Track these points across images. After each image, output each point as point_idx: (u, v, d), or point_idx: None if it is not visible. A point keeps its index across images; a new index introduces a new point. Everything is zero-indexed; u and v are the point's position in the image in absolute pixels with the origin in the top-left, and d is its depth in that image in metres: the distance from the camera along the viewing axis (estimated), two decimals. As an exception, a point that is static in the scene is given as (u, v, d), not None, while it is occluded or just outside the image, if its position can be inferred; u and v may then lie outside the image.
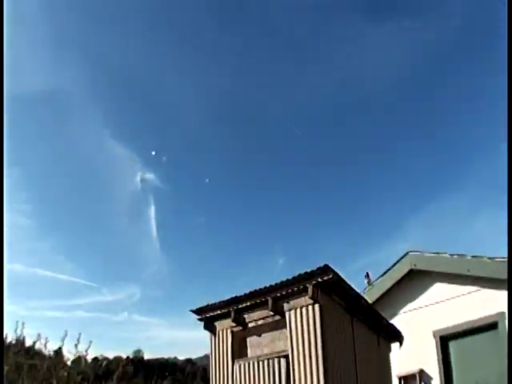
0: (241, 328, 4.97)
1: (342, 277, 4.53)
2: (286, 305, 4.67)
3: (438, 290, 7.34)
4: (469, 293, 6.83)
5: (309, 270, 4.43)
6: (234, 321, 4.94)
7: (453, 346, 6.97)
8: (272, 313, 4.71)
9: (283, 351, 4.48)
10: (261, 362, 4.55)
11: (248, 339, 4.94)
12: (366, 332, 5.89)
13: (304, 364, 4.20)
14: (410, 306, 7.58)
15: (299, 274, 4.52)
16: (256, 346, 4.81)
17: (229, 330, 5.04)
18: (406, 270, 7.76)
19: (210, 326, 5.25)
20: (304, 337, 4.34)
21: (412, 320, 7.21)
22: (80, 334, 4.87)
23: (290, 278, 4.59)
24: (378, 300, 7.84)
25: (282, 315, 4.66)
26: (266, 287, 4.78)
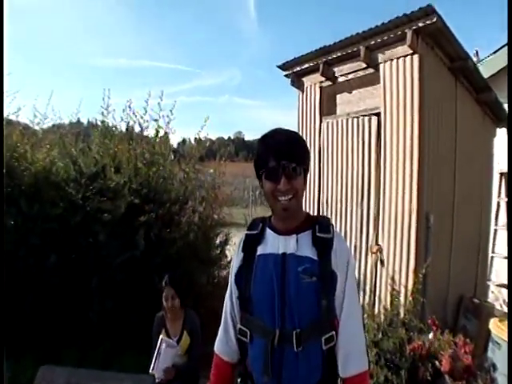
0: (330, 83, 4.64)
1: (448, 25, 3.57)
2: (380, 56, 4.08)
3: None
4: None
5: (408, 12, 3.57)
6: (322, 74, 4.59)
7: None
8: (364, 65, 4.20)
9: (375, 108, 4.17)
10: (350, 120, 4.38)
11: (337, 96, 4.67)
12: (470, 104, 5.11)
13: (397, 123, 3.91)
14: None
15: (396, 17, 3.71)
16: (346, 103, 4.55)
17: (317, 86, 4.77)
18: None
19: (297, 81, 5.00)
20: (399, 92, 3.90)
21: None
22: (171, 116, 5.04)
23: (386, 21, 3.81)
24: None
25: (376, 68, 4.14)
26: (357, 34, 4.11)
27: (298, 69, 4.87)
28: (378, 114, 4.11)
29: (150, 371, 3.14)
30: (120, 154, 4.75)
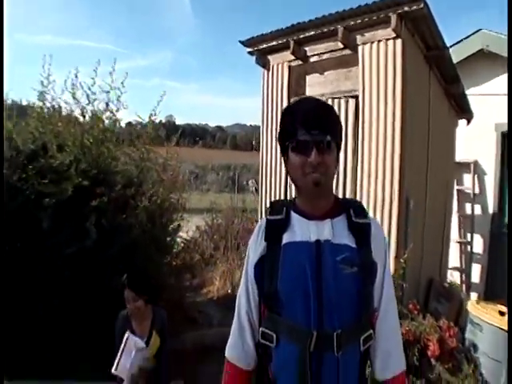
0: (300, 63, 4.47)
1: (432, 13, 3.62)
2: (359, 37, 4.00)
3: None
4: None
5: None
6: (292, 53, 4.40)
7: (514, 147, 6.41)
8: (341, 45, 4.09)
9: (352, 91, 4.10)
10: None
11: (307, 77, 4.52)
12: (440, 94, 5.34)
13: (378, 106, 3.84)
14: (473, 90, 6.59)
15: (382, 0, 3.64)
16: (317, 84, 4.42)
17: (285, 64, 4.57)
18: (475, 49, 6.61)
19: (262, 59, 4.75)
20: (380, 75, 3.84)
21: (474, 107, 6.43)
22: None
23: (370, 2, 3.73)
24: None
25: (354, 49, 4.06)
26: (337, 12, 3.98)
27: (264, 46, 4.61)
28: (355, 97, 4.05)
29: (113, 371, 2.78)
30: (64, 129, 4.14)
